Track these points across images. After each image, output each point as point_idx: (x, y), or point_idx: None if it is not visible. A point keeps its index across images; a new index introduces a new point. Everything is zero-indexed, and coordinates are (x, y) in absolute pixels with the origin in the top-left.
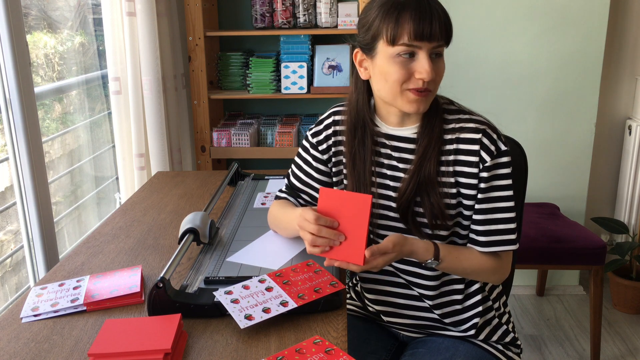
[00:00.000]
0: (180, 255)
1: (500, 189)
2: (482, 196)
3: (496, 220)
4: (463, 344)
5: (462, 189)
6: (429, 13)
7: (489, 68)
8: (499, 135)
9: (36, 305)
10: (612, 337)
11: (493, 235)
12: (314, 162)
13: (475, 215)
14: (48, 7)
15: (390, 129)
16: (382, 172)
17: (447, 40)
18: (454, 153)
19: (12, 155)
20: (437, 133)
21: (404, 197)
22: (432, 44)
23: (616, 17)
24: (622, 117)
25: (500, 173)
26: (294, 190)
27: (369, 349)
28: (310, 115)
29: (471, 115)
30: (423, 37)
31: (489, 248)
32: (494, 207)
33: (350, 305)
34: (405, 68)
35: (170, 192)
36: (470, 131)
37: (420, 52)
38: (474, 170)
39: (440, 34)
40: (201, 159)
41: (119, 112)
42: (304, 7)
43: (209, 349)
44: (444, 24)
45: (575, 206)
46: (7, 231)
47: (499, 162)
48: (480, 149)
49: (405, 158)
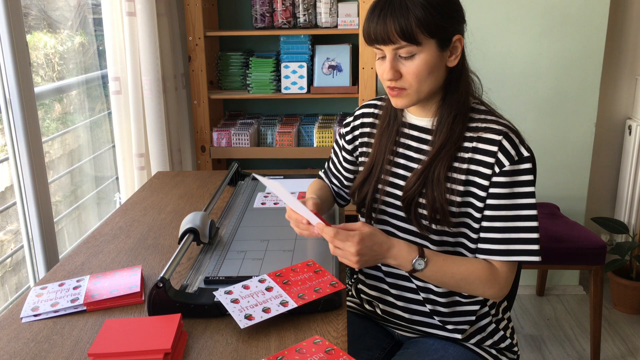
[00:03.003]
0: (180, 255)
1: (521, 196)
2: (501, 202)
3: (518, 228)
4: (453, 346)
5: (473, 188)
6: (382, 15)
7: (489, 68)
8: (522, 141)
9: (36, 305)
10: (612, 337)
11: (514, 244)
12: (341, 152)
13: (492, 223)
14: (48, 7)
15: (412, 118)
16: (395, 161)
17: (410, 39)
18: (472, 151)
19: (12, 155)
20: (457, 132)
21: (411, 189)
22: (391, 46)
23: (616, 17)
24: (622, 117)
25: (522, 180)
26: (329, 173)
27: (364, 345)
28: (310, 115)
29: (498, 118)
30: (375, 41)
31: (507, 257)
32: (516, 214)
33: (348, 302)
34: (380, 68)
35: (170, 192)
36: (492, 132)
37: (385, 53)
38: (488, 172)
39: (394, 37)
40: (201, 159)
41: (119, 112)
42: (304, 7)
43: (209, 349)
44: (401, 25)
45: (575, 206)
46: (7, 231)
47: (520, 169)
48: (498, 151)
49: (421, 149)
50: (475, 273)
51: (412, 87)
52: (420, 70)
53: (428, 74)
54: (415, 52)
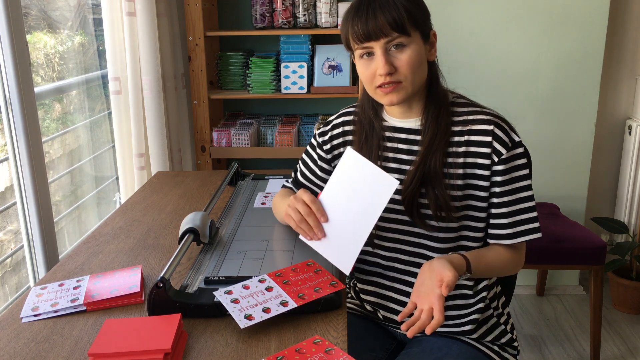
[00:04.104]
0: (180, 255)
1: (520, 179)
2: (503, 189)
3: (520, 210)
4: (457, 343)
5: (472, 180)
6: (370, 12)
7: (489, 68)
8: (511, 127)
9: (36, 305)
10: (612, 337)
11: (519, 225)
12: (319, 161)
13: (498, 209)
14: (48, 7)
15: (396, 121)
16: (387, 166)
17: (401, 30)
18: (465, 145)
19: (12, 155)
20: (444, 125)
21: (408, 189)
22: (381, 41)
23: (616, 17)
24: (622, 117)
25: (518, 164)
26: (298, 184)
27: (367, 347)
28: (310, 115)
29: (482, 108)
30: (368, 37)
31: (515, 239)
32: (517, 197)
33: (349, 304)
34: (368, 68)
35: (170, 192)
36: (482, 122)
37: (375, 50)
38: (486, 162)
39: (386, 29)
40: (201, 159)
41: (119, 112)
42: (304, 7)
43: (209, 349)
44: (392, 17)
45: (575, 206)
46: (7, 231)
47: (515, 153)
48: (492, 140)
49: (412, 150)
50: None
51: (407, 78)
52: (413, 60)
53: (419, 64)
54: (405, 44)
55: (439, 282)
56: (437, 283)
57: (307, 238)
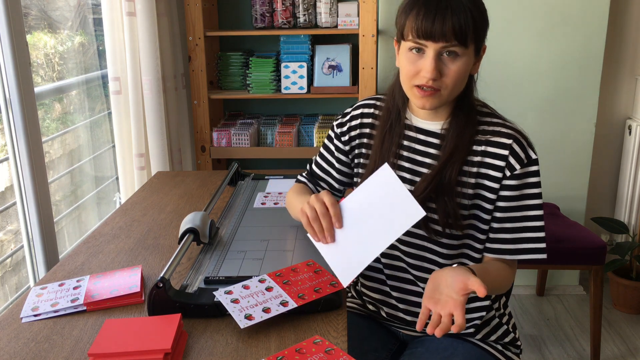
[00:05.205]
0: (180, 255)
1: (530, 197)
2: (510, 204)
3: (527, 228)
4: (462, 343)
5: (482, 191)
6: (440, 11)
7: (489, 68)
8: (530, 144)
9: (36, 305)
10: (612, 337)
11: (523, 243)
12: (336, 152)
13: (502, 224)
14: (48, 7)
15: (418, 121)
16: (400, 165)
17: (462, 41)
18: (481, 155)
19: (12, 155)
20: (468, 138)
21: (420, 196)
22: (439, 44)
23: (616, 17)
24: (622, 117)
25: (531, 182)
26: (314, 177)
27: (369, 347)
28: (310, 115)
29: (505, 121)
30: (426, 36)
31: (518, 256)
32: (525, 215)
33: (350, 304)
34: (413, 64)
35: (170, 192)
36: (502, 136)
37: (427, 50)
38: (498, 175)
39: (449, 35)
40: (201, 159)
41: (119, 112)
42: (304, 7)
43: (209, 349)
44: (460, 24)
45: (575, 206)
46: (7, 231)
47: (529, 171)
48: (509, 155)
49: (428, 152)
50: (507, 277)
51: (447, 88)
52: (460, 72)
53: (464, 78)
54: (459, 54)
55: (461, 289)
56: (460, 290)
57: (314, 239)
